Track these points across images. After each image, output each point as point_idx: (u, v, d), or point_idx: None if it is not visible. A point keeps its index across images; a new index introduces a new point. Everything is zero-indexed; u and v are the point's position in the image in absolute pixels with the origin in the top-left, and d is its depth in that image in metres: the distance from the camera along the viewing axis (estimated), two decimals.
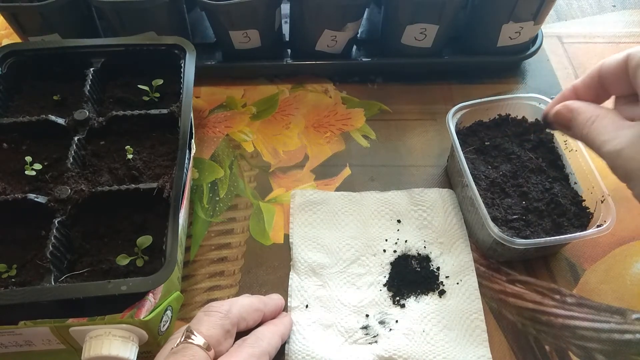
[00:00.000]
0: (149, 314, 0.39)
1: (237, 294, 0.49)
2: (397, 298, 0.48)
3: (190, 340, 0.37)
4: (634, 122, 0.36)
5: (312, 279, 0.49)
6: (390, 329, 0.46)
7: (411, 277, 0.49)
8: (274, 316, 0.45)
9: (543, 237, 0.47)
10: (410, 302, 0.48)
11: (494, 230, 0.46)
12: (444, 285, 0.49)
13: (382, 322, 0.47)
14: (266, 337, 0.41)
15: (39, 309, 0.40)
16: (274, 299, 0.46)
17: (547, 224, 0.49)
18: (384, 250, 0.51)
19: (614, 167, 0.36)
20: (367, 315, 0.47)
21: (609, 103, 0.42)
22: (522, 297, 0.49)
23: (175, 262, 0.40)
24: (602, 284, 0.50)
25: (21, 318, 0.39)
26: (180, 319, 0.48)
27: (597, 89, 0.40)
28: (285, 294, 0.48)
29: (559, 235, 0.47)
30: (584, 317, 0.48)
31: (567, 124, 0.42)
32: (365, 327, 0.46)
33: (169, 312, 0.43)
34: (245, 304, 0.42)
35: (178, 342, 0.37)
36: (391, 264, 0.50)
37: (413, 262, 0.51)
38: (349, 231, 0.53)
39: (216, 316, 0.39)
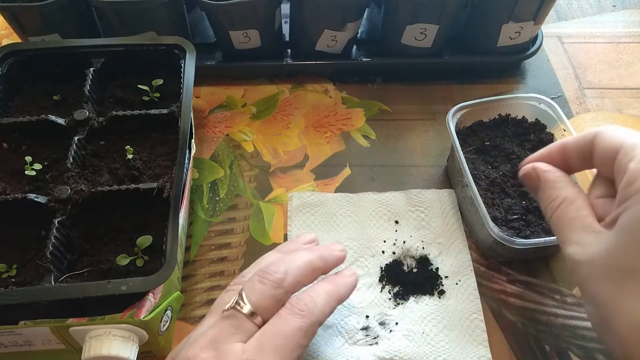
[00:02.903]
0: (149, 314, 0.39)
1: None
2: (397, 299, 0.48)
3: (239, 308, 0.36)
4: (601, 229, 0.32)
5: None
6: (391, 330, 0.46)
7: (410, 278, 0.49)
8: (332, 270, 0.42)
9: (543, 237, 0.47)
10: (410, 303, 0.48)
11: (494, 230, 0.46)
12: (443, 285, 0.49)
13: (382, 324, 0.47)
14: (319, 304, 0.37)
15: (39, 308, 0.40)
16: (334, 254, 0.42)
17: (547, 224, 0.49)
18: (383, 252, 0.51)
19: (570, 272, 0.34)
20: (367, 317, 0.47)
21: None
22: (522, 297, 0.49)
23: (175, 262, 0.40)
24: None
25: (21, 318, 0.39)
26: (180, 319, 0.48)
27: (583, 155, 0.37)
28: None
29: None
30: (584, 316, 0.48)
31: (532, 190, 0.39)
32: (365, 328, 0.46)
33: (169, 312, 0.43)
34: (303, 267, 0.39)
35: (230, 304, 0.36)
36: (390, 265, 0.50)
37: (412, 263, 0.50)
38: (347, 233, 0.52)
39: (269, 285, 0.37)
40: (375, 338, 0.46)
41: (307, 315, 0.36)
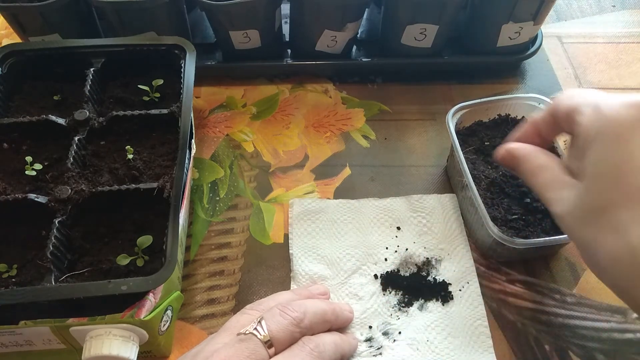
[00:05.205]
0: (149, 313, 0.40)
1: (237, 294, 0.49)
2: (400, 307, 0.48)
3: (256, 334, 0.38)
4: (574, 182, 0.35)
5: None
6: (394, 340, 0.46)
7: (413, 285, 0.49)
8: (338, 329, 0.45)
9: (543, 237, 0.47)
10: (413, 311, 0.47)
11: (494, 230, 0.46)
12: (446, 292, 0.49)
13: (385, 334, 0.46)
14: (328, 351, 0.40)
15: (39, 308, 0.40)
16: (345, 313, 0.45)
17: (547, 224, 0.49)
18: (385, 259, 0.51)
19: (560, 226, 0.37)
20: (370, 327, 0.47)
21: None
22: (522, 297, 0.49)
23: (176, 262, 0.40)
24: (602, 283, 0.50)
25: (21, 318, 0.39)
26: (180, 319, 0.48)
27: (552, 124, 0.40)
28: None
29: (558, 235, 0.47)
30: (584, 316, 0.48)
31: (513, 169, 0.42)
32: (369, 340, 0.46)
33: (169, 312, 0.43)
34: (319, 314, 0.41)
35: (248, 328, 0.38)
36: (393, 272, 0.50)
37: (414, 269, 0.50)
38: (349, 240, 0.52)
39: (289, 321, 0.39)
40: (379, 349, 0.45)
41: (317, 357, 0.38)
